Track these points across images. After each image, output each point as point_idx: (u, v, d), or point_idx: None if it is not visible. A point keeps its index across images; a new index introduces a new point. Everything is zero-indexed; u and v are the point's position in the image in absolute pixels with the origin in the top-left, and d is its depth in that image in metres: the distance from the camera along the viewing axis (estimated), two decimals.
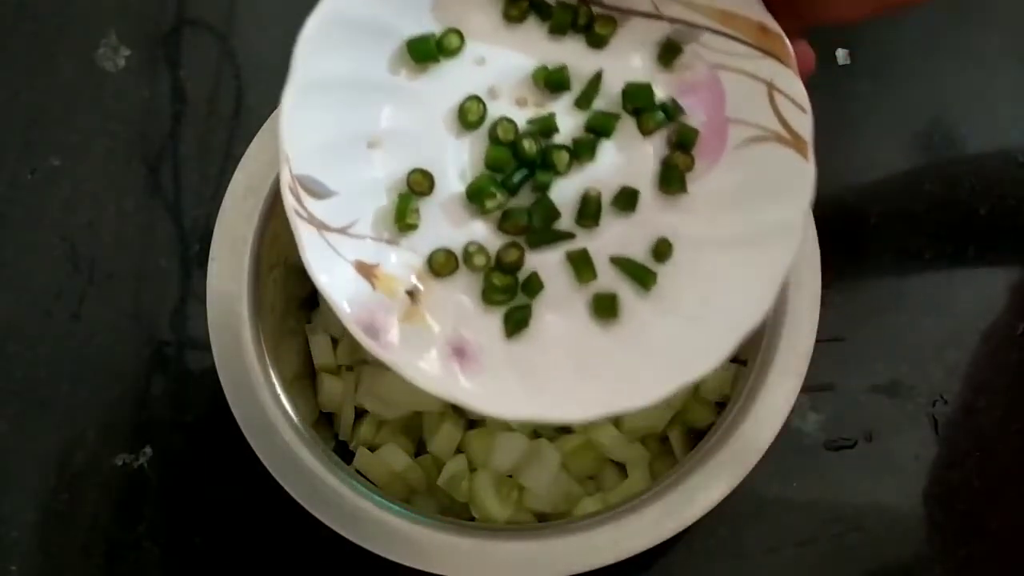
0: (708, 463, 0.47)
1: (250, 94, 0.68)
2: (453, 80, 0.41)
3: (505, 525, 0.53)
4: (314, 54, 0.38)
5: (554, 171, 0.40)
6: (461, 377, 0.38)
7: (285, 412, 0.49)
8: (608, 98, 0.41)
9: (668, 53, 0.40)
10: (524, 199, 0.40)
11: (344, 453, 0.56)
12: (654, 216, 0.41)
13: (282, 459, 0.48)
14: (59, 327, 0.63)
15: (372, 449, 0.56)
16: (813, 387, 0.60)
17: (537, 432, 0.56)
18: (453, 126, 0.41)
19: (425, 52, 0.40)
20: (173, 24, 0.70)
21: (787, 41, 0.38)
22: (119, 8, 0.70)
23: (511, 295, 0.40)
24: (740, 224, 0.39)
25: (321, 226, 0.38)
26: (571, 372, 0.39)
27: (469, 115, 0.40)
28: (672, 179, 0.40)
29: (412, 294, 0.40)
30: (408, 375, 0.37)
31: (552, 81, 0.40)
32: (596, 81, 0.41)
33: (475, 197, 0.40)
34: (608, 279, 0.40)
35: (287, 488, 0.47)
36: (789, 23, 0.38)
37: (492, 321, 0.40)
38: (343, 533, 0.47)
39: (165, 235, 0.65)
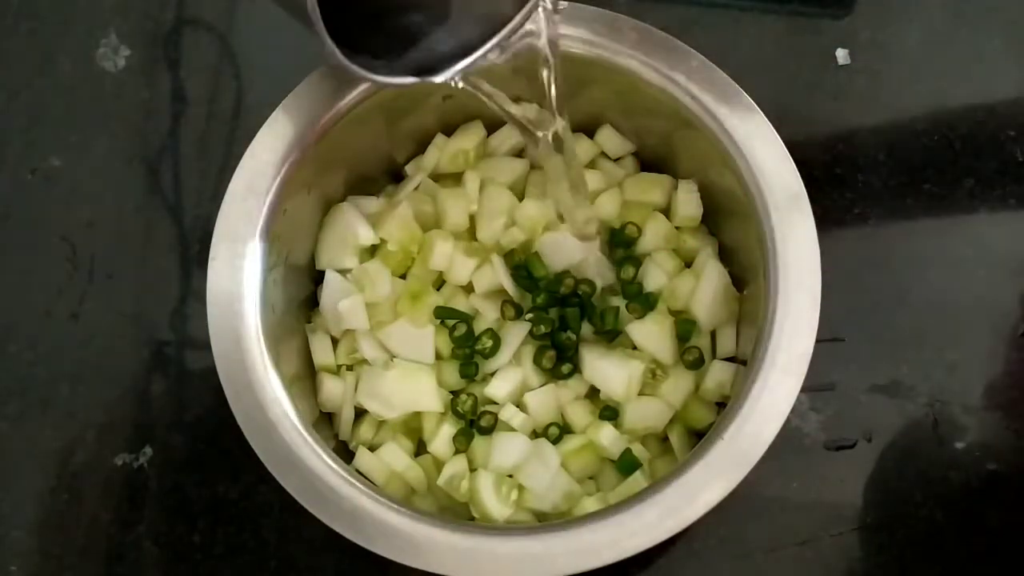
0: (708, 463, 0.47)
1: (250, 94, 0.68)
2: None
3: (505, 525, 0.53)
4: None
5: None
6: None
7: (285, 412, 0.49)
8: None
9: None
10: None
11: (344, 453, 0.56)
12: None
13: (282, 459, 0.48)
14: (59, 327, 0.63)
15: (372, 449, 0.56)
16: (813, 387, 0.60)
17: (537, 432, 0.56)
18: None
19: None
20: (173, 24, 0.70)
21: None
22: (119, 8, 0.70)
23: None
24: None
25: None
26: None
27: None
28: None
29: None
30: None
31: None
32: None
33: None
34: None
35: (287, 488, 0.47)
36: None
37: None
38: (343, 533, 0.47)
39: (165, 235, 0.65)
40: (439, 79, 0.42)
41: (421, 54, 0.43)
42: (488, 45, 0.43)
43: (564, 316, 0.57)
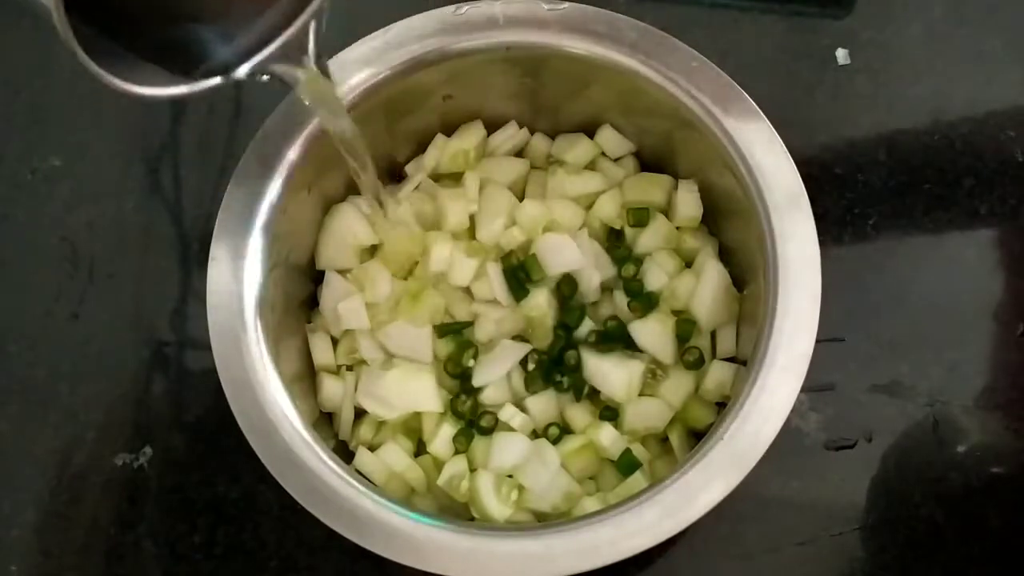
0: (708, 463, 0.47)
1: (250, 94, 0.68)
2: None
3: (505, 525, 0.53)
4: None
5: None
6: None
7: (285, 412, 0.49)
8: None
9: None
10: None
11: (344, 453, 0.56)
12: None
13: (282, 459, 0.48)
14: (59, 327, 0.63)
15: (372, 449, 0.56)
16: (813, 387, 0.60)
17: (537, 432, 0.56)
18: None
19: None
20: None
21: None
22: None
23: None
24: None
25: None
26: None
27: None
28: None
29: None
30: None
31: None
32: None
33: None
34: None
35: (287, 488, 0.47)
36: None
37: None
38: (343, 533, 0.47)
39: (165, 235, 0.65)
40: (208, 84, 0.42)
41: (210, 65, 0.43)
42: (265, 52, 0.43)
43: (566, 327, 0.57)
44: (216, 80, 0.42)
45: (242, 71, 0.43)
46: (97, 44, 0.36)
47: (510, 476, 0.54)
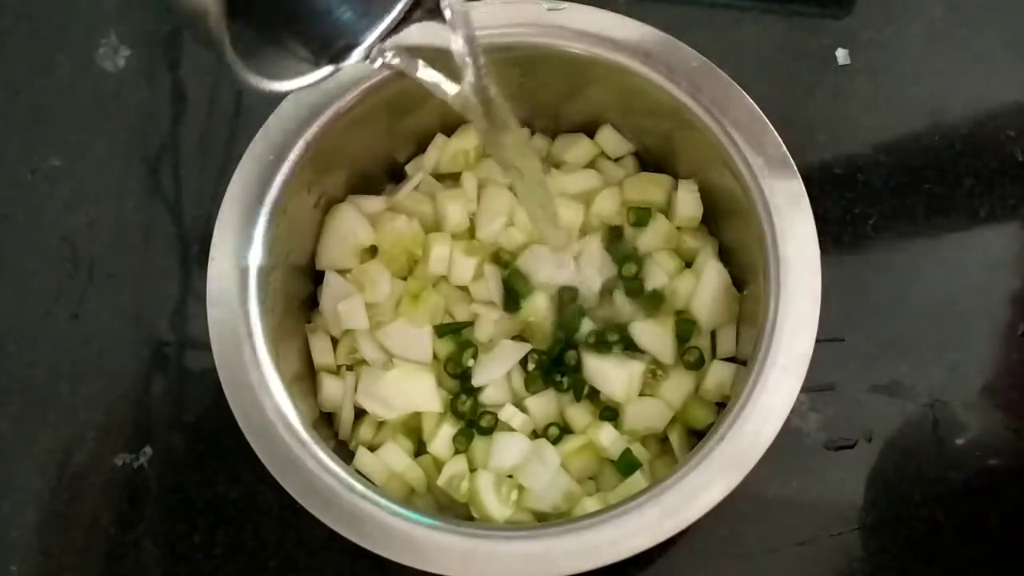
0: (708, 463, 0.47)
1: (250, 94, 0.67)
2: None
3: (505, 525, 0.53)
4: None
5: None
6: None
7: (285, 412, 0.49)
8: None
9: None
10: None
11: (344, 453, 0.56)
12: None
13: (282, 459, 0.48)
14: (59, 327, 0.63)
15: (372, 449, 0.56)
16: (813, 387, 0.60)
17: (537, 432, 0.56)
18: None
19: None
20: (173, 24, 0.70)
21: None
22: (119, 8, 0.70)
23: None
24: None
25: None
26: None
27: None
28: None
29: None
30: None
31: None
32: None
33: None
34: None
35: (287, 488, 0.47)
36: None
37: None
38: (343, 533, 0.47)
39: (165, 235, 0.65)
40: (350, 62, 0.41)
41: (343, 41, 0.42)
42: (392, 14, 0.42)
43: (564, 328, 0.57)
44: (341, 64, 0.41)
45: (355, 56, 0.42)
46: (235, 34, 0.37)
47: (510, 476, 0.54)
